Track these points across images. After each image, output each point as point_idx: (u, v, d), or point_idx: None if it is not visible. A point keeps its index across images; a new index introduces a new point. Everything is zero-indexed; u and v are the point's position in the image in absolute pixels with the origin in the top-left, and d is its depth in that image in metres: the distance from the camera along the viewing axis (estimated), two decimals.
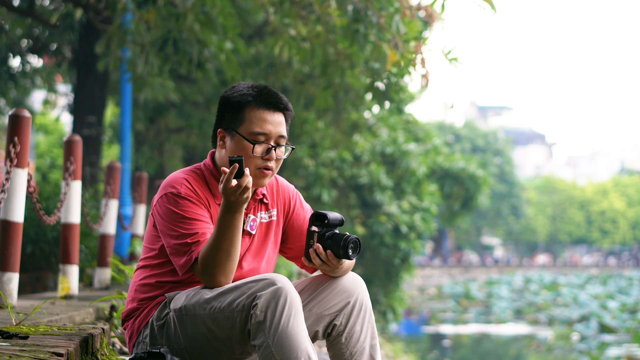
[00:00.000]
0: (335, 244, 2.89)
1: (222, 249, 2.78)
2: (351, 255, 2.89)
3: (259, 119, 2.91)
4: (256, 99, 2.92)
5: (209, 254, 2.79)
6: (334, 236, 2.91)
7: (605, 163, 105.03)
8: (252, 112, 2.92)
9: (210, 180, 2.96)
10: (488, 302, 31.74)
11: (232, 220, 2.78)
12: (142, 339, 2.93)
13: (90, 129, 10.52)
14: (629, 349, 17.60)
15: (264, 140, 2.91)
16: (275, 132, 2.93)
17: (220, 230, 2.77)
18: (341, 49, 8.24)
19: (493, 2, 6.86)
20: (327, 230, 2.93)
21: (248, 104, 2.92)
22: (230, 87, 3.00)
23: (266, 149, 2.91)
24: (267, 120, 2.92)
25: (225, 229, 2.77)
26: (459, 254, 67.21)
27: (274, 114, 2.93)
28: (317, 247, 2.92)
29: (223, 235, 2.77)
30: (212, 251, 2.78)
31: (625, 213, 70.65)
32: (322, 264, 2.93)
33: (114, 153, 21.88)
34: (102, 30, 10.07)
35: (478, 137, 60.98)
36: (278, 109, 2.95)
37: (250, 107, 2.92)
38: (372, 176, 17.46)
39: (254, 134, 2.90)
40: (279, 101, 2.94)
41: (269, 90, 2.95)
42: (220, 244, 2.78)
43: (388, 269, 18.38)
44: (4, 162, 4.25)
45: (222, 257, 2.79)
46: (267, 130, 2.91)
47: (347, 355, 2.95)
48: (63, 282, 5.21)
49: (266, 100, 2.93)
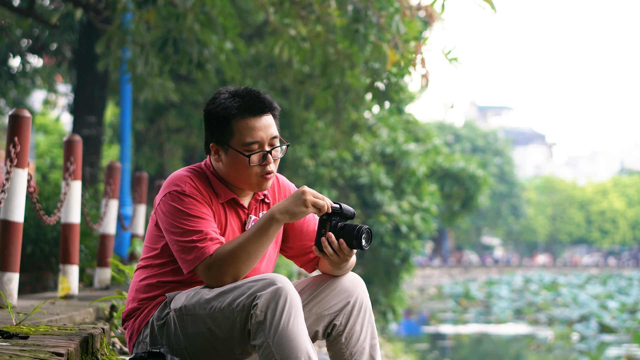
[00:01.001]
0: (348, 233, 2.86)
1: (248, 252, 2.79)
2: (364, 245, 2.85)
3: (248, 129, 2.88)
4: (240, 109, 2.88)
5: (232, 253, 2.79)
6: (346, 226, 2.87)
7: (605, 163, 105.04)
8: (239, 124, 2.88)
9: (212, 180, 2.96)
10: (488, 302, 31.73)
11: (276, 229, 2.81)
12: (143, 338, 2.93)
13: (90, 129, 10.52)
14: (628, 349, 17.59)
15: (258, 148, 2.89)
16: (267, 136, 2.90)
17: (257, 235, 2.79)
18: (341, 49, 8.24)
19: (493, 2, 6.86)
20: (339, 220, 2.90)
21: (233, 117, 2.88)
22: (211, 100, 2.95)
23: (262, 156, 2.90)
24: (256, 128, 2.88)
25: (263, 236, 2.79)
26: (459, 254, 67.22)
27: (261, 118, 2.90)
28: (329, 236, 2.88)
29: (256, 241, 2.79)
30: (238, 251, 2.78)
31: (625, 213, 70.66)
32: (333, 253, 2.89)
33: (114, 153, 21.89)
34: (102, 30, 10.07)
35: (478, 137, 61.01)
36: (264, 112, 2.91)
37: (236, 119, 2.88)
38: (372, 176, 17.46)
39: (246, 145, 2.88)
40: (262, 104, 2.90)
41: (251, 94, 2.90)
42: (249, 247, 2.79)
43: (388, 269, 18.38)
44: (4, 162, 4.25)
45: (243, 260, 2.79)
46: (258, 137, 2.88)
47: (347, 355, 2.95)
48: (63, 282, 5.21)
49: (250, 108, 2.88)
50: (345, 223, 2.89)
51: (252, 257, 2.80)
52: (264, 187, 2.94)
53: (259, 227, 2.81)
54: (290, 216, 2.81)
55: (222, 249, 2.81)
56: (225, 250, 2.80)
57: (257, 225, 2.82)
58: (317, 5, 7.82)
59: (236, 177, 2.92)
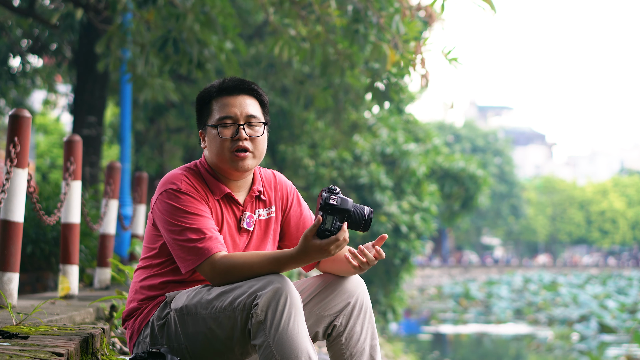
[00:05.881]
0: (357, 221, 2.80)
1: (255, 272, 2.79)
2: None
3: (223, 105, 2.94)
4: (218, 89, 2.96)
5: (239, 267, 2.79)
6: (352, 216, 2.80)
7: (605, 163, 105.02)
8: (216, 102, 2.96)
9: (207, 177, 2.97)
10: (488, 302, 31.74)
11: (294, 266, 2.81)
12: (143, 338, 2.93)
13: (90, 129, 10.52)
14: (628, 349, 17.60)
15: (230, 123, 2.92)
16: (242, 113, 2.93)
17: (272, 264, 2.78)
18: (341, 49, 8.24)
19: (493, 3, 6.86)
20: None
21: (212, 97, 2.96)
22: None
23: (235, 130, 2.92)
24: (230, 104, 2.94)
25: (274, 266, 2.78)
26: (459, 254, 67.21)
27: (237, 97, 2.95)
28: (364, 249, 2.82)
29: (266, 268, 2.79)
30: (245, 270, 2.79)
31: (625, 213, 70.64)
32: (364, 263, 2.85)
33: (114, 153, 21.89)
34: (102, 30, 10.07)
35: (478, 137, 61.01)
36: (241, 91, 2.96)
37: (214, 98, 2.96)
38: (372, 176, 17.46)
39: (220, 120, 2.93)
40: (240, 84, 2.97)
41: (232, 78, 2.99)
42: (257, 269, 2.79)
43: (388, 269, 18.39)
44: (4, 162, 4.25)
45: (247, 276, 2.80)
46: (232, 113, 2.93)
47: (347, 355, 2.94)
48: (63, 282, 5.21)
49: (227, 86, 2.96)
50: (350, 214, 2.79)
51: (257, 275, 2.81)
52: (239, 166, 2.92)
53: (275, 258, 2.80)
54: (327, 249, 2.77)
55: (231, 259, 2.80)
56: (233, 261, 2.80)
57: (275, 256, 2.80)
58: (317, 5, 7.82)
59: (215, 157, 2.94)
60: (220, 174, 2.98)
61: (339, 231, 2.75)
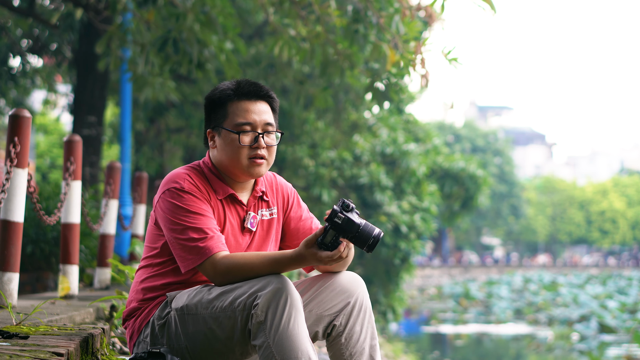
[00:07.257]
0: (363, 239, 2.77)
1: (257, 273, 2.80)
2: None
3: (242, 110, 2.93)
4: (236, 92, 2.95)
5: (241, 267, 2.80)
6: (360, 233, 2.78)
7: (605, 163, 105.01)
8: (234, 106, 2.94)
9: (210, 177, 2.97)
10: (488, 302, 31.74)
11: (294, 267, 2.82)
12: (143, 338, 2.93)
13: (90, 129, 10.52)
14: (628, 349, 17.60)
15: (249, 130, 2.93)
16: (260, 121, 2.94)
17: (272, 265, 2.79)
18: (341, 49, 8.24)
19: (493, 3, 6.86)
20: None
21: (229, 99, 2.95)
22: (213, 88, 3.03)
23: (254, 137, 2.93)
24: (250, 110, 2.94)
25: (275, 267, 2.79)
26: (459, 254, 67.21)
27: (255, 103, 2.95)
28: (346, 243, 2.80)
29: (268, 268, 2.79)
30: (247, 271, 2.80)
31: (625, 213, 70.64)
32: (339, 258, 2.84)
33: (114, 153, 21.89)
34: (102, 30, 10.07)
35: (478, 137, 61.00)
36: (259, 97, 2.97)
37: (231, 101, 2.95)
38: (372, 176, 17.46)
39: (238, 125, 2.92)
40: (258, 90, 2.97)
41: (248, 81, 2.98)
42: (258, 270, 2.80)
43: (388, 269, 18.38)
44: (4, 162, 4.25)
45: (249, 276, 2.80)
46: (251, 119, 2.93)
47: (346, 355, 2.94)
48: (63, 282, 5.21)
49: (246, 91, 2.95)
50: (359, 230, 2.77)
51: (258, 275, 2.81)
52: (255, 172, 2.94)
53: (276, 260, 2.81)
54: (307, 264, 2.83)
55: (232, 259, 2.81)
56: (234, 261, 2.80)
57: (276, 257, 2.81)
58: (317, 6, 7.82)
59: (228, 161, 2.93)
60: (226, 175, 2.98)
61: (336, 248, 2.76)
